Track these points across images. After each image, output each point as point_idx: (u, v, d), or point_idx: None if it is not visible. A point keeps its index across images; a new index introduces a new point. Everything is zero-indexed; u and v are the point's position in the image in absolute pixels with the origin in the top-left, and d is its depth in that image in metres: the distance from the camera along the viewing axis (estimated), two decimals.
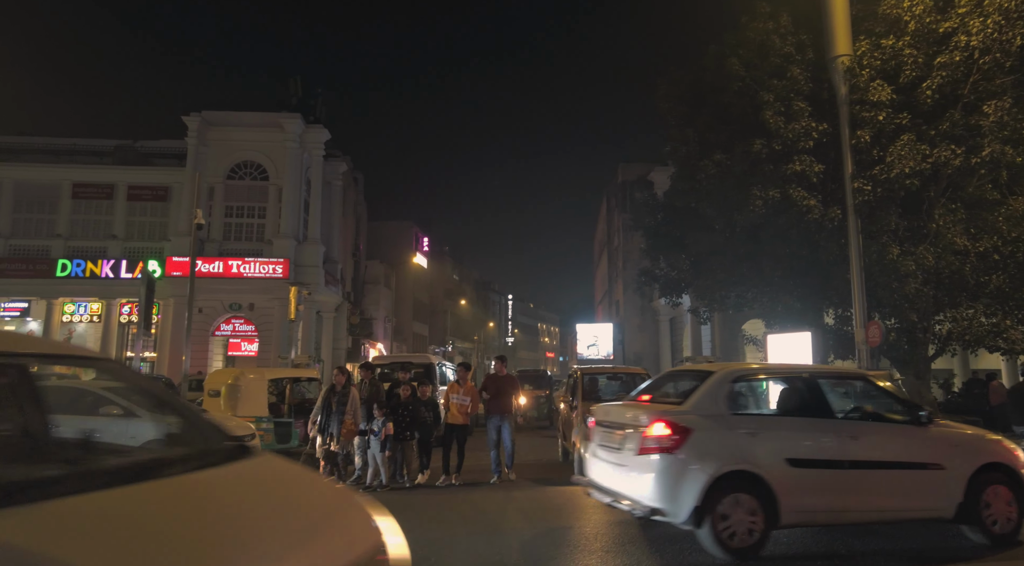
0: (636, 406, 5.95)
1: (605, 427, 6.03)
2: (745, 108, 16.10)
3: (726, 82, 16.55)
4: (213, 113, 30.39)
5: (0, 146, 32.11)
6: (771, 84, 15.44)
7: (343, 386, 8.68)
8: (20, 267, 29.31)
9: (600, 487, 5.89)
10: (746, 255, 17.62)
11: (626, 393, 10.86)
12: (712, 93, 17.35)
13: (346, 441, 8.57)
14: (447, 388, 9.37)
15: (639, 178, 36.04)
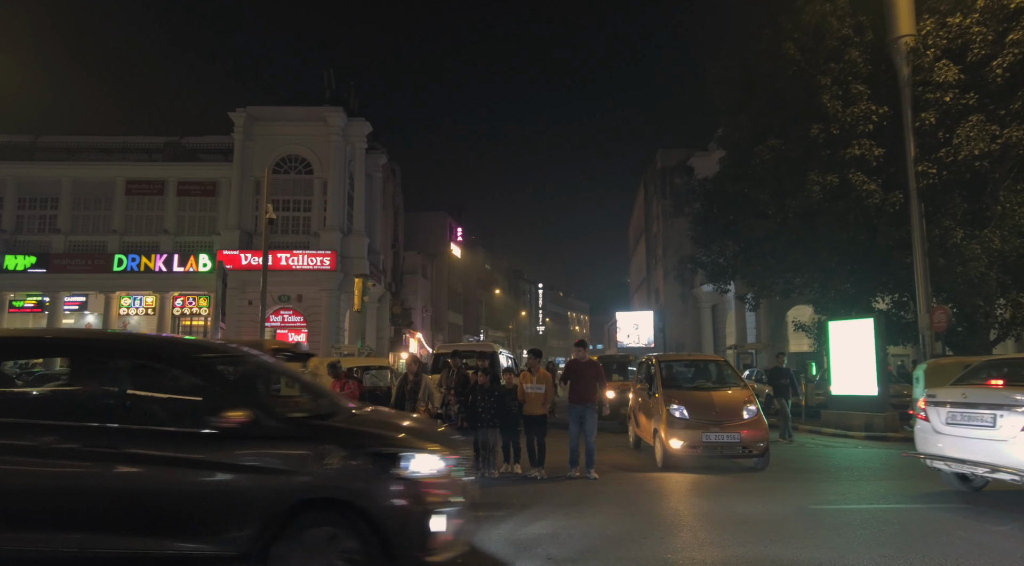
0: (1001, 390, 6.79)
1: (965, 407, 6.87)
2: (800, 93, 15.94)
3: (781, 66, 16.38)
4: (258, 108, 31.01)
5: (58, 146, 33.30)
6: (828, 68, 15.26)
7: (415, 374, 8.75)
8: (79, 262, 30.40)
9: (964, 460, 6.83)
10: (799, 241, 17.48)
11: (704, 380, 10.98)
12: (766, 78, 17.18)
13: None
14: (520, 377, 9.04)
15: (679, 164, 35.73)
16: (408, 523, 3.91)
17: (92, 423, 4.03)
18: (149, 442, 4.00)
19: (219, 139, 32.71)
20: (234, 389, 4.37)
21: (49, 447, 3.92)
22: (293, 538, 3.84)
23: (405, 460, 3.98)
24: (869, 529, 6.20)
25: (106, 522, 3.86)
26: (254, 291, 28.51)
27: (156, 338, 7.29)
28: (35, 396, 4.66)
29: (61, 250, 30.85)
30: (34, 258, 30.11)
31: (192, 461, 3.93)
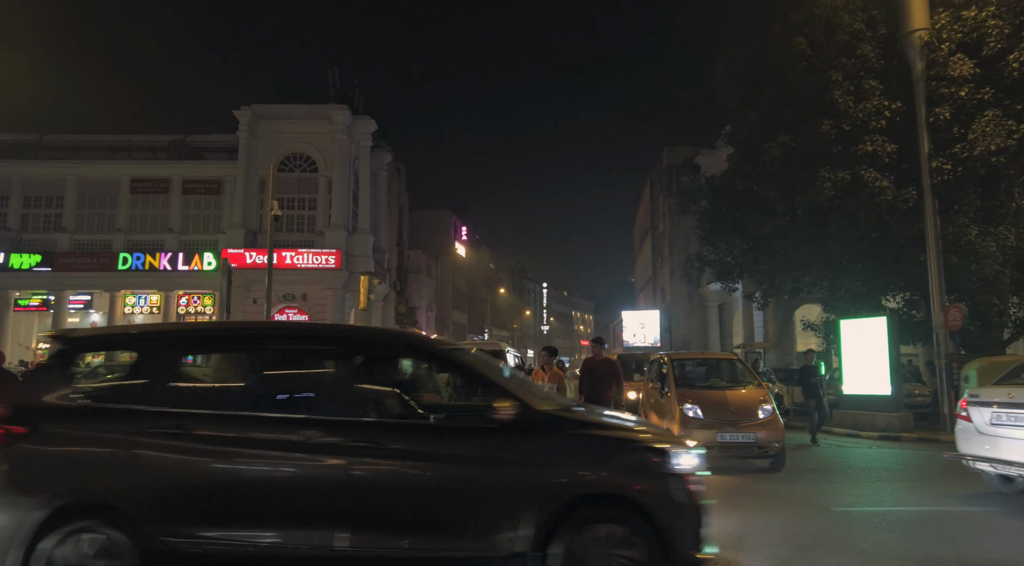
0: None
1: (1011, 407, 6.76)
2: (811, 88, 15.74)
3: (791, 62, 16.17)
4: (263, 106, 30.91)
5: (63, 145, 33.27)
6: (839, 63, 15.06)
7: None
8: (85, 261, 30.37)
9: (1011, 462, 6.74)
10: (809, 239, 17.29)
11: (718, 378, 10.78)
12: (775, 73, 16.97)
13: None
14: (532, 375, 8.95)
15: (685, 162, 35.48)
16: (685, 520, 3.81)
17: (350, 417, 3.94)
18: (416, 437, 3.91)
19: (223, 137, 32.63)
20: (490, 382, 4.23)
21: (313, 442, 3.82)
22: (571, 535, 3.71)
23: (675, 456, 3.88)
24: (907, 532, 6.01)
25: (375, 521, 3.76)
26: (259, 290, 28.44)
27: (405, 331, 7.21)
28: (292, 390, 4.47)
29: (66, 249, 30.82)
30: (39, 257, 30.08)
31: (464, 456, 3.82)
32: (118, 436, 3.88)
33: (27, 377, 4.31)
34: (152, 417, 3.93)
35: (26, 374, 4.46)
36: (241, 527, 3.78)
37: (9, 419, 3.95)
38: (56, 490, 3.79)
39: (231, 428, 3.92)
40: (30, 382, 4.18)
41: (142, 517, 3.75)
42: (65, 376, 4.20)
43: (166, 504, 3.80)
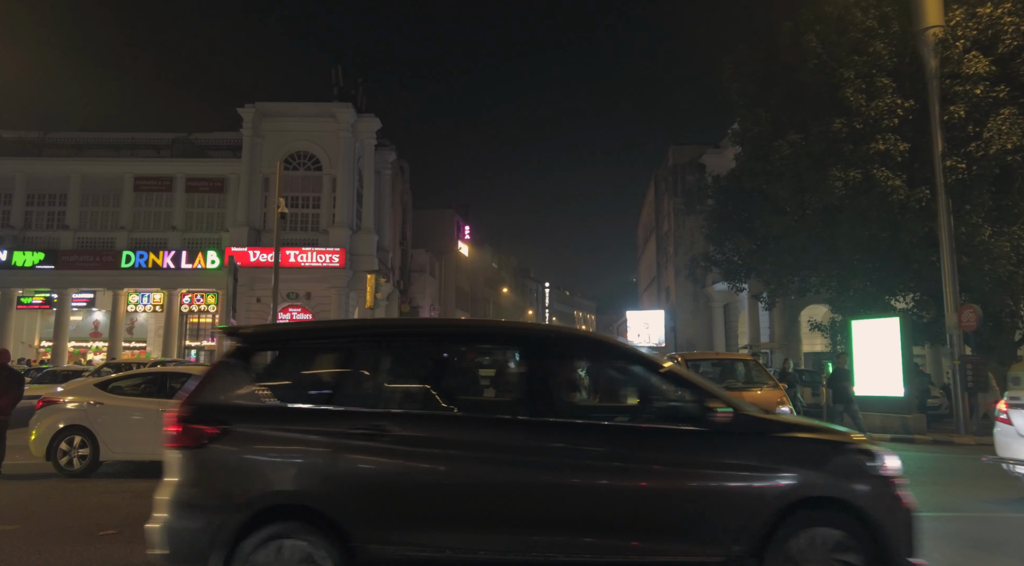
0: None
1: None
2: (822, 86, 15.60)
3: (801, 60, 16.03)
4: (267, 104, 30.81)
5: (66, 142, 33.19)
6: (851, 60, 14.91)
7: None
8: (88, 259, 30.29)
9: None
10: (818, 238, 17.16)
11: (734, 380, 10.61)
12: (785, 72, 16.84)
13: None
14: None
15: (691, 161, 35.34)
16: (899, 524, 3.73)
17: (562, 419, 3.84)
18: (628, 440, 3.82)
19: (227, 135, 32.54)
20: (695, 386, 4.11)
21: (524, 444, 3.71)
22: (787, 540, 3.63)
23: (882, 458, 3.81)
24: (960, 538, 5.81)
25: (589, 526, 3.64)
26: (263, 288, 28.32)
27: (592, 332, 7.04)
28: (484, 390, 4.34)
29: (69, 247, 30.74)
30: (42, 254, 30.00)
31: (678, 460, 3.73)
32: (316, 437, 3.72)
33: (205, 375, 4.06)
34: (349, 417, 3.79)
35: (208, 372, 4.11)
36: (447, 532, 3.64)
37: (198, 419, 3.80)
38: (256, 493, 3.65)
39: (430, 429, 3.82)
40: (208, 380, 3.98)
41: (347, 522, 3.60)
42: (247, 374, 4.02)
43: (371, 509, 3.65)
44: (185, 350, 31.43)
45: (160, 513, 3.73)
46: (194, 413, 3.83)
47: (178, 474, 3.72)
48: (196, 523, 3.63)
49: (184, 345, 31.59)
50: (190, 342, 32.00)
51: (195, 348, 31.94)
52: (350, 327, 4.81)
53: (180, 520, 3.65)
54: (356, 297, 30.70)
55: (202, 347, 31.95)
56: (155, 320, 32.08)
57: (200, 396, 3.94)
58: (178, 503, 3.68)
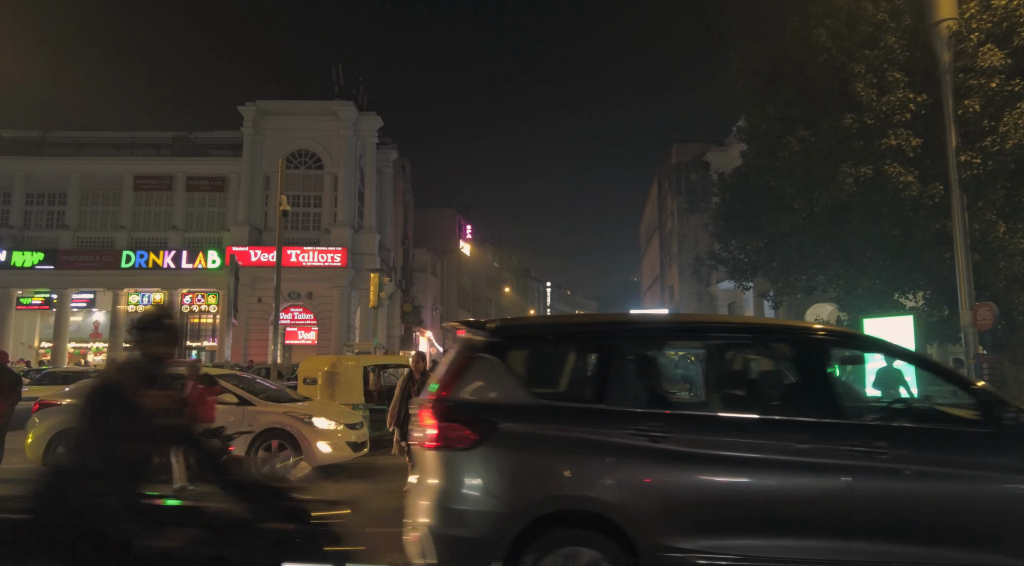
0: None
1: None
2: (832, 81, 15.34)
3: (811, 54, 15.77)
4: (268, 102, 30.59)
5: (66, 141, 32.98)
6: (862, 55, 14.65)
7: (423, 373, 7.68)
8: (88, 259, 30.10)
9: None
10: (827, 236, 16.93)
11: None
12: (794, 67, 16.57)
13: None
14: None
15: (695, 159, 35.10)
16: None
17: (849, 420, 3.67)
18: (930, 442, 3.61)
19: (228, 134, 32.34)
20: (983, 387, 3.91)
21: (816, 447, 3.51)
22: None
23: None
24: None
25: (897, 532, 3.44)
26: (264, 288, 28.10)
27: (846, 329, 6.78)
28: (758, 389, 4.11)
29: (69, 246, 30.54)
30: (42, 254, 29.81)
31: (985, 463, 3.53)
32: (595, 438, 3.52)
33: (453, 371, 3.84)
34: (627, 417, 3.58)
35: (455, 368, 3.82)
36: (739, 539, 3.41)
37: (460, 418, 3.57)
38: (534, 498, 3.44)
39: (714, 431, 3.61)
40: (460, 377, 3.77)
41: (634, 529, 3.37)
42: (503, 370, 3.79)
43: (659, 515, 3.42)
44: (186, 350, 31.22)
45: (420, 518, 3.46)
46: (454, 412, 3.58)
47: (441, 477, 3.48)
48: (469, 530, 3.41)
49: (185, 345, 31.37)
50: (191, 342, 31.79)
51: (196, 348, 31.74)
52: (613, 323, 4.50)
53: (449, 527, 3.43)
54: (358, 296, 30.47)
55: (203, 347, 31.76)
56: None
57: (455, 394, 3.69)
58: (445, 508, 3.45)
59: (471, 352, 3.87)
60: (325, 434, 8.41)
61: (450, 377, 3.78)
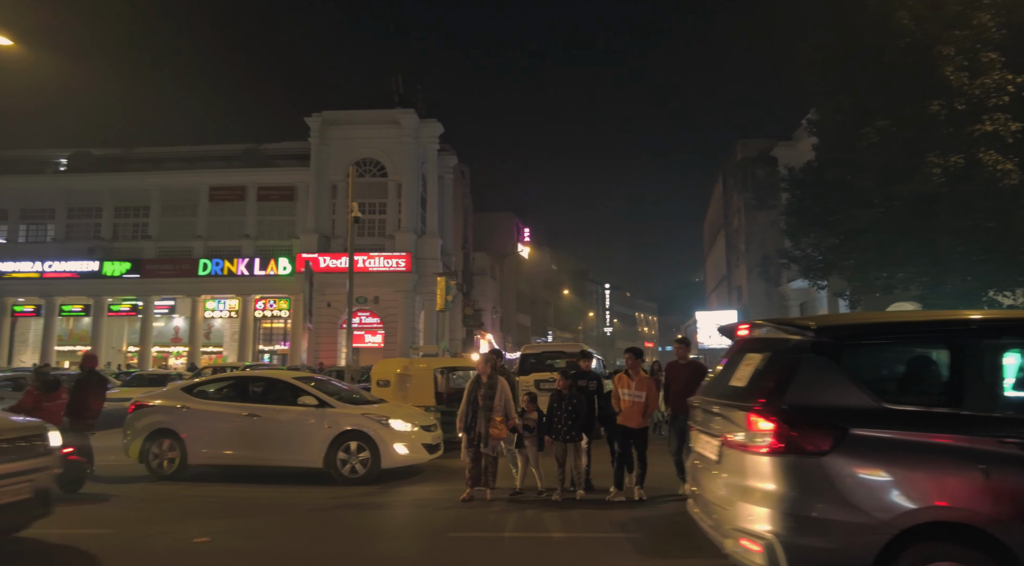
0: None
1: None
2: (915, 67, 14.51)
3: (890, 40, 14.98)
4: (333, 113, 31.49)
5: (147, 157, 34.97)
6: (950, 36, 13.79)
7: (489, 377, 7.47)
8: (168, 267, 31.73)
9: None
10: (909, 231, 16.02)
11: None
12: (870, 54, 15.78)
13: (495, 442, 7.33)
14: (615, 381, 7.51)
15: (760, 155, 33.97)
16: None
17: None
18: None
19: (295, 145, 33.50)
20: None
21: None
22: None
23: None
24: None
25: None
26: (332, 293, 28.92)
27: None
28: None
29: (152, 256, 32.31)
30: (128, 264, 31.65)
31: None
32: (960, 446, 3.29)
33: (785, 373, 3.64)
34: (994, 423, 3.35)
35: (786, 370, 3.70)
36: None
37: (804, 423, 3.40)
38: (900, 510, 3.22)
39: None
40: (793, 379, 3.54)
41: (1018, 547, 3.12)
42: (841, 372, 3.56)
43: None
44: (259, 354, 32.45)
45: (759, 526, 3.35)
46: (798, 417, 3.42)
47: (786, 484, 3.33)
48: (826, 541, 3.24)
49: (258, 349, 32.62)
50: (263, 346, 33.03)
51: (268, 352, 32.95)
52: (968, 320, 4.10)
53: (803, 537, 3.27)
54: (421, 300, 30.94)
55: (275, 351, 32.93)
56: (230, 325, 33.30)
57: (790, 397, 3.50)
58: (797, 517, 3.28)
59: (794, 353, 3.65)
60: (402, 436, 8.48)
61: (780, 380, 3.60)
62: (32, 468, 5.16)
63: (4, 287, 31.92)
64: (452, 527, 6.35)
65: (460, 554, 5.56)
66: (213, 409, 8.91)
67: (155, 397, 9.48)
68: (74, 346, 33.73)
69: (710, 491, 3.95)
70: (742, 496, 3.50)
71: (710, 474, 4.00)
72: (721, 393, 4.17)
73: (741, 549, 3.45)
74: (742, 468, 3.56)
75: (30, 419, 5.87)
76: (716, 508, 3.81)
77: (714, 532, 3.87)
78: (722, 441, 3.83)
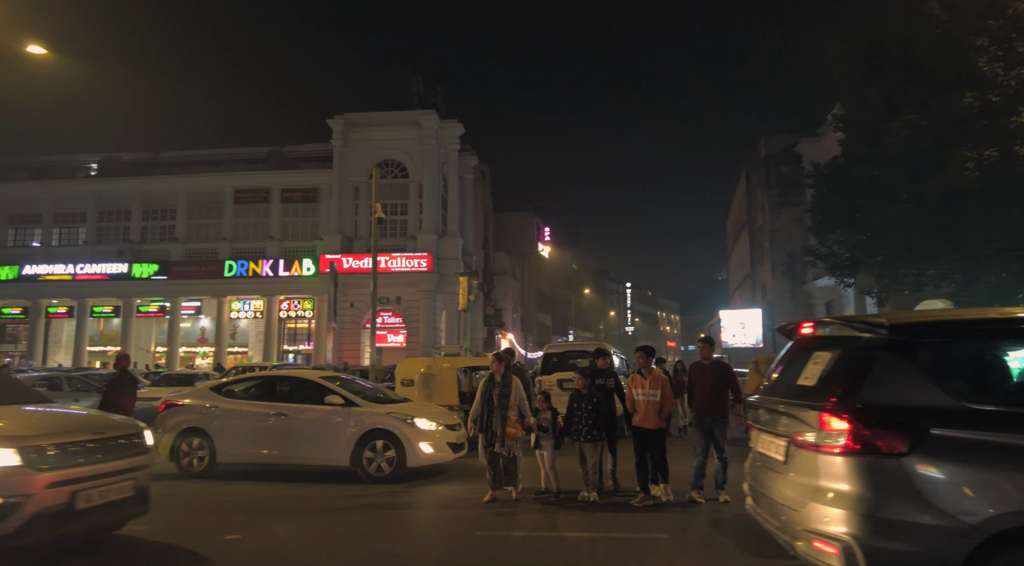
0: None
1: None
2: (946, 58, 14.20)
3: (919, 32, 14.69)
4: (354, 114, 31.75)
5: (173, 160, 35.60)
6: (984, 26, 13.49)
7: (503, 376, 7.39)
8: (195, 269, 32.26)
9: None
10: (940, 227, 15.67)
11: None
12: (899, 46, 15.48)
13: (512, 442, 7.24)
14: (629, 381, 7.33)
15: (784, 151, 33.49)
16: None
17: None
18: None
19: (317, 147, 33.86)
20: None
21: None
22: None
23: None
24: None
25: None
26: (355, 294, 29.18)
27: None
28: None
29: (179, 258, 32.87)
30: (156, 266, 32.24)
31: None
32: None
33: (857, 371, 3.57)
34: None
35: (858, 368, 3.65)
36: None
37: (881, 423, 3.35)
38: (989, 512, 3.14)
39: None
40: (866, 377, 3.48)
41: None
42: (916, 371, 3.47)
43: None
44: (283, 354, 32.85)
45: (834, 527, 3.29)
46: (870, 416, 3.35)
47: (862, 485, 3.27)
48: (910, 545, 3.17)
49: (282, 349, 33.02)
50: (287, 346, 33.42)
51: (292, 352, 33.34)
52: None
53: (884, 540, 3.19)
54: (443, 300, 31.06)
55: (299, 351, 33.31)
56: (255, 326, 33.75)
57: (865, 397, 3.42)
58: (875, 520, 3.22)
59: (867, 351, 3.57)
60: (427, 435, 8.51)
61: (847, 379, 3.54)
62: (134, 466, 5.28)
63: (39, 289, 32.74)
64: (479, 526, 6.37)
65: (488, 552, 5.56)
66: (241, 408, 9.03)
67: (185, 396, 9.64)
68: (104, 347, 34.49)
69: (776, 492, 3.85)
70: (814, 497, 3.42)
71: (776, 475, 3.90)
72: (787, 392, 4.08)
73: (815, 551, 3.37)
74: (814, 469, 3.48)
75: (128, 418, 6.00)
76: (784, 509, 3.72)
77: (781, 533, 3.77)
78: (790, 441, 3.75)
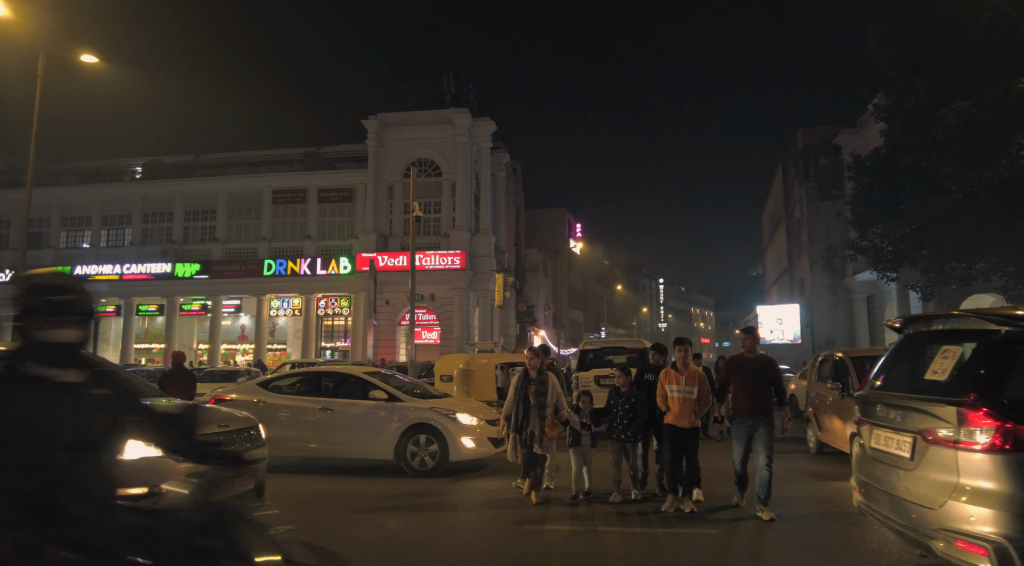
0: None
1: None
2: (1000, 42, 13.76)
3: (971, 15, 14.25)
4: (389, 114, 32.10)
5: (213, 162, 36.50)
6: None
7: (539, 372, 7.05)
8: (235, 268, 33.05)
9: None
10: (992, 218, 15.16)
11: None
12: (948, 32, 15.03)
13: (550, 441, 6.97)
14: (661, 376, 6.83)
15: (823, 143, 32.75)
16: None
17: None
18: None
19: (352, 147, 34.35)
20: None
21: None
22: None
23: None
24: None
25: None
26: (391, 291, 29.54)
27: None
28: None
29: (220, 257, 33.70)
30: (198, 266, 33.13)
31: None
32: None
33: (990, 369, 3.53)
34: None
35: (983, 364, 3.65)
36: None
37: None
38: None
39: None
40: (1012, 376, 3.43)
41: None
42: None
43: None
44: (321, 351, 33.45)
45: (983, 528, 3.22)
46: (1017, 412, 3.30)
47: (1015, 484, 3.20)
48: None
49: (320, 346, 33.62)
50: (325, 343, 34.02)
51: (330, 349, 33.93)
52: None
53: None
54: (476, 297, 31.23)
55: (336, 348, 33.88)
56: (294, 323, 34.43)
57: (1010, 392, 3.37)
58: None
59: (1008, 345, 3.50)
60: (468, 430, 8.60)
61: (987, 373, 3.49)
62: (255, 459, 5.28)
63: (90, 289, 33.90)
64: (525, 520, 6.40)
65: (536, 545, 5.60)
66: (288, 403, 9.22)
67: (232, 392, 9.86)
68: (150, 344, 35.60)
69: (903, 490, 3.76)
70: (954, 495, 3.34)
71: (901, 471, 3.81)
72: (914, 387, 3.99)
73: (959, 552, 3.30)
74: (952, 466, 3.40)
75: (245, 412, 6.14)
76: (914, 507, 3.63)
77: (911, 533, 3.69)
78: (919, 436, 3.66)
